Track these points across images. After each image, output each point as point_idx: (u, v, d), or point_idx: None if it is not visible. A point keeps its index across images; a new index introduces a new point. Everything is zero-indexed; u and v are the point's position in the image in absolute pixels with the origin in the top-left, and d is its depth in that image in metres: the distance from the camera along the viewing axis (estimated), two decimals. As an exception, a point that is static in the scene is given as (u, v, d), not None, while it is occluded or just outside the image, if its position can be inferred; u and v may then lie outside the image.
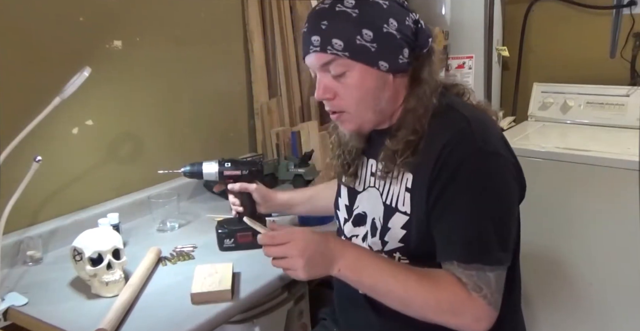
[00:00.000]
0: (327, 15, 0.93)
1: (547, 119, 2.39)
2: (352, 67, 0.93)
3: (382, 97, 0.97)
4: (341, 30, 0.92)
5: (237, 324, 1.41)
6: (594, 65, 2.36)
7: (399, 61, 0.95)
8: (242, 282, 1.25)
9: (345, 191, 1.14)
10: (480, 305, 0.91)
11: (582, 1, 2.36)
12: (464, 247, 0.92)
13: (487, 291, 0.91)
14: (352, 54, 0.92)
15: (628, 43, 2.28)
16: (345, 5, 0.92)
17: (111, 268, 1.20)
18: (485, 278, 0.91)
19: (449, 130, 0.93)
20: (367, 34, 0.91)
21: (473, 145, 0.91)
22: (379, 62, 0.93)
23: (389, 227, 1.01)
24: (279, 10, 2.04)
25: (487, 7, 2.41)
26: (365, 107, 0.97)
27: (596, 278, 1.92)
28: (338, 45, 0.92)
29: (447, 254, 0.94)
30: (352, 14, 0.91)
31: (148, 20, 1.67)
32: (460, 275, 0.92)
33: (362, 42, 0.92)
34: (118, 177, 1.65)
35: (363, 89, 0.95)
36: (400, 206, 0.99)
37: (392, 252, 1.01)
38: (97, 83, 1.48)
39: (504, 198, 0.94)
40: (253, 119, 2.07)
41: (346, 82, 0.95)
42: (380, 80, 0.95)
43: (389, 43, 0.93)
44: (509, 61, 2.63)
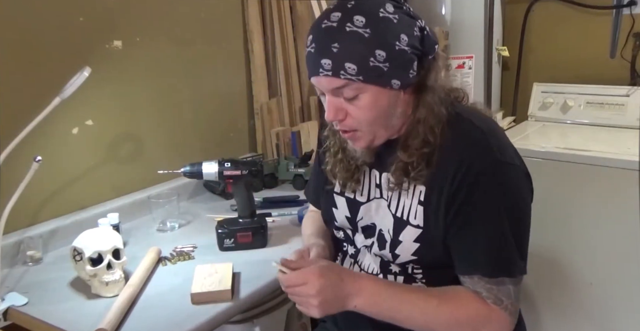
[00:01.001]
0: (337, 37, 0.87)
1: (547, 119, 2.39)
2: (365, 89, 0.89)
3: (394, 114, 0.94)
4: (354, 54, 0.86)
5: (237, 324, 1.41)
6: (594, 65, 2.36)
7: (409, 76, 0.91)
8: (242, 282, 1.25)
9: (344, 201, 1.10)
10: (502, 317, 0.94)
11: (582, 1, 2.36)
12: (489, 261, 0.93)
13: (508, 302, 0.93)
14: (365, 78, 0.88)
15: (628, 43, 2.28)
16: (355, 25, 0.86)
17: (111, 268, 1.20)
18: (506, 290, 0.93)
19: (464, 143, 0.92)
20: (380, 55, 0.87)
21: (491, 158, 0.91)
22: (392, 81, 0.90)
23: (400, 240, 0.99)
24: (279, 10, 2.04)
25: (487, 7, 2.41)
26: (378, 125, 0.94)
27: (596, 278, 1.92)
28: (352, 70, 0.87)
29: (470, 268, 0.95)
30: (364, 34, 0.86)
31: (148, 20, 1.67)
32: (481, 289, 0.94)
33: (375, 64, 0.87)
34: (118, 177, 1.65)
35: (376, 110, 0.91)
36: (412, 219, 0.98)
37: (404, 264, 1.00)
38: (97, 84, 1.48)
39: (522, 208, 0.95)
40: (253, 119, 2.07)
41: (359, 104, 0.91)
42: (393, 98, 0.92)
43: (401, 60, 0.89)
44: (509, 61, 2.63)
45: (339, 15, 0.88)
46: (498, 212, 0.91)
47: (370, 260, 1.07)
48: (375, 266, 1.05)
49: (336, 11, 0.88)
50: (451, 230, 0.94)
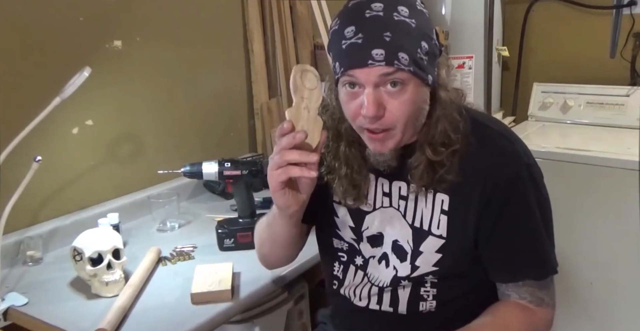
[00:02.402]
0: (389, 26, 0.83)
1: (547, 119, 2.39)
2: (410, 82, 0.86)
3: (425, 112, 0.91)
4: (406, 43, 0.84)
5: (237, 324, 1.41)
6: (594, 65, 2.36)
7: (435, 72, 0.90)
8: (242, 282, 1.25)
9: (345, 210, 1.04)
10: (545, 314, 0.98)
11: (582, 1, 2.36)
12: (537, 265, 0.95)
13: (548, 298, 0.97)
14: (414, 69, 0.85)
15: (628, 43, 2.28)
16: (402, 15, 0.84)
17: (111, 268, 1.20)
18: (547, 288, 0.97)
19: (490, 150, 0.92)
20: (424, 47, 0.85)
21: (520, 163, 0.92)
22: (428, 76, 0.88)
23: (422, 251, 0.97)
24: (279, 10, 2.04)
25: (487, 7, 2.41)
26: (412, 122, 0.90)
27: (596, 278, 1.92)
28: (404, 60, 0.83)
29: (518, 275, 0.96)
30: (412, 24, 0.84)
31: (148, 20, 1.67)
32: (526, 294, 0.96)
33: (420, 55, 0.85)
34: (118, 177, 1.65)
35: (415, 104, 0.88)
36: (435, 229, 0.95)
37: (423, 276, 0.98)
38: (97, 83, 1.48)
39: (549, 205, 0.98)
40: (253, 119, 2.07)
41: (401, 97, 0.86)
42: (426, 94, 0.90)
43: (434, 55, 0.88)
44: (509, 61, 2.63)
45: (381, 5, 0.84)
46: (534, 211, 0.93)
47: (379, 273, 1.03)
48: (386, 280, 1.01)
49: (376, 2, 0.84)
50: (491, 239, 0.94)
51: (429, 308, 1.00)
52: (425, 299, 0.99)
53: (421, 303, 1.00)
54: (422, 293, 0.99)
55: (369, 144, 0.93)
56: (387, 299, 1.02)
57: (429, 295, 0.99)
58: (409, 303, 1.00)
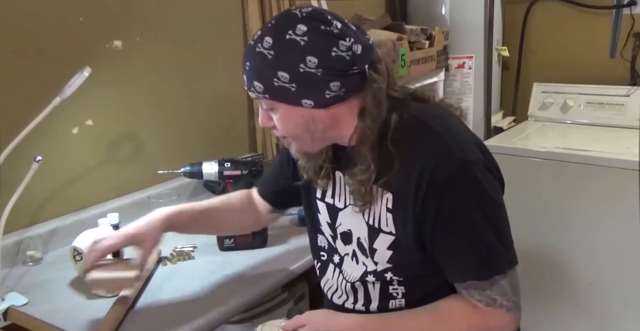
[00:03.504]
0: (249, 56, 0.92)
1: (547, 119, 2.39)
2: (276, 105, 0.94)
3: (314, 130, 0.95)
4: (259, 73, 0.91)
5: (237, 324, 1.41)
6: (594, 65, 2.36)
7: (325, 96, 0.91)
8: (242, 282, 1.25)
9: (324, 207, 1.10)
10: (498, 316, 0.94)
11: (582, 1, 2.36)
12: (478, 265, 0.92)
13: (502, 299, 0.93)
14: (272, 96, 0.92)
15: (628, 43, 2.28)
16: (263, 46, 0.90)
17: (111, 268, 1.20)
18: (500, 288, 0.93)
19: (425, 148, 0.91)
20: (283, 76, 0.89)
21: (454, 160, 0.89)
22: (302, 101, 0.91)
23: (376, 248, 1.00)
24: (279, 10, 2.04)
25: (487, 7, 2.41)
26: (302, 137, 0.97)
27: (596, 278, 1.92)
28: (258, 87, 0.92)
29: (462, 275, 0.94)
30: (268, 55, 0.89)
31: (148, 20, 1.67)
32: (474, 293, 0.93)
33: (280, 84, 0.90)
34: (118, 177, 1.65)
35: (291, 124, 0.95)
36: (384, 226, 0.97)
37: (383, 272, 1.00)
38: (97, 83, 1.48)
39: (495, 200, 0.93)
40: (253, 119, 2.07)
41: (275, 116, 0.96)
42: (307, 116, 0.93)
43: (309, 82, 0.89)
44: (509, 61, 2.63)
45: (259, 34, 0.92)
46: (474, 212, 0.91)
47: (352, 269, 1.06)
48: (356, 275, 1.05)
49: (260, 30, 0.93)
50: (432, 239, 0.93)
51: (398, 305, 1.02)
52: (395, 297, 1.02)
53: (391, 301, 1.02)
54: (391, 291, 1.01)
55: None
56: (361, 298, 1.05)
57: (397, 293, 1.01)
58: (380, 301, 1.03)
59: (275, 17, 0.94)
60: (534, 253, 1.93)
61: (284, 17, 0.92)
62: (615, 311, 1.91)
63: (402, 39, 2.12)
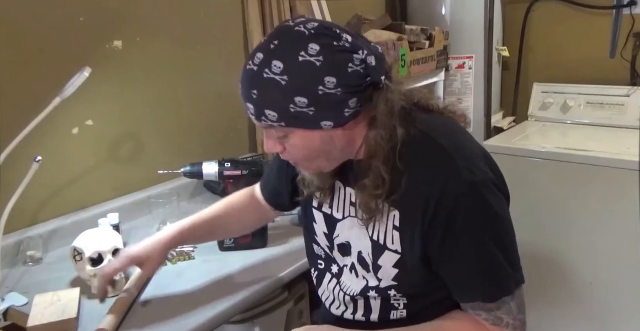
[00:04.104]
0: (255, 84, 0.84)
1: (547, 119, 2.39)
2: (292, 131, 0.87)
3: (332, 150, 0.91)
4: (272, 101, 0.83)
5: (237, 324, 1.41)
6: (594, 65, 2.36)
7: (344, 115, 0.86)
8: (242, 282, 1.25)
9: (321, 216, 1.07)
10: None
11: (582, 1, 2.36)
12: (487, 286, 0.90)
13: (508, 318, 0.92)
14: (288, 123, 0.85)
15: (628, 43, 2.28)
16: (273, 71, 0.82)
17: (111, 268, 1.20)
18: (506, 308, 0.91)
19: (433, 168, 0.88)
20: (301, 101, 0.82)
21: (463, 180, 0.86)
22: (321, 123, 0.85)
23: (380, 265, 0.97)
24: (279, 10, 2.04)
25: (487, 7, 2.41)
26: (318, 159, 0.92)
27: (596, 278, 1.92)
28: (272, 116, 0.84)
29: (469, 296, 0.93)
30: (281, 82, 0.82)
31: (148, 20, 1.67)
32: (480, 312, 0.92)
33: (297, 109, 0.83)
34: (118, 177, 1.65)
35: (308, 149, 0.89)
36: (390, 244, 0.95)
37: (387, 289, 0.99)
38: (97, 84, 1.48)
39: (503, 220, 0.92)
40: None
41: (290, 143, 0.89)
42: (326, 137, 0.88)
43: (329, 103, 0.83)
44: (509, 61, 2.63)
45: (261, 57, 0.84)
46: (482, 234, 0.88)
47: (351, 282, 1.04)
48: (356, 289, 1.03)
49: (260, 51, 0.85)
50: (439, 259, 0.91)
51: (399, 316, 1.00)
52: (397, 308, 1.00)
53: (392, 312, 1.00)
54: (393, 301, 1.00)
55: None
56: (361, 308, 1.03)
57: (399, 304, 1.00)
58: (381, 312, 1.01)
59: (275, 35, 0.86)
60: (534, 253, 1.93)
61: (289, 36, 0.84)
62: (615, 311, 1.91)
63: (402, 39, 2.12)
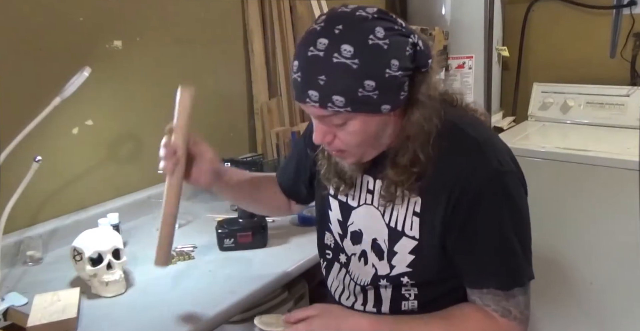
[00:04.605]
0: (324, 69, 0.82)
1: (547, 119, 2.39)
2: (354, 117, 0.87)
3: (383, 135, 0.92)
4: (342, 86, 0.83)
5: (237, 324, 1.41)
6: (594, 65, 2.36)
7: (400, 98, 0.87)
8: (242, 282, 1.25)
9: (337, 204, 1.09)
10: (511, 328, 0.94)
11: (582, 1, 2.36)
12: (502, 274, 0.92)
13: (516, 311, 0.93)
14: (354, 108, 0.85)
15: (628, 43, 2.28)
16: (343, 56, 0.81)
17: (111, 268, 1.20)
18: (515, 300, 0.93)
19: (461, 156, 0.90)
20: (369, 85, 0.83)
21: (490, 170, 0.89)
22: (382, 107, 0.86)
23: (396, 251, 0.98)
24: (279, 10, 2.04)
25: (487, 7, 2.41)
26: (367, 146, 0.93)
27: (596, 278, 1.92)
28: (339, 102, 0.84)
29: (483, 282, 0.94)
30: (353, 65, 0.82)
31: (148, 20, 1.67)
32: (489, 302, 0.93)
33: (365, 93, 0.84)
34: (118, 177, 1.65)
35: (364, 134, 0.89)
36: (408, 230, 0.96)
37: (399, 276, 0.99)
38: (97, 83, 1.48)
39: (524, 213, 0.94)
40: (253, 119, 2.07)
41: (347, 130, 0.89)
42: (382, 121, 0.89)
43: (392, 86, 0.85)
44: (509, 61, 2.63)
45: (326, 42, 0.82)
46: (504, 222, 0.91)
47: (360, 271, 1.05)
48: (367, 279, 1.03)
49: (323, 37, 0.83)
50: (457, 244, 0.93)
51: (411, 307, 1.01)
52: (407, 298, 1.00)
53: (403, 303, 1.01)
54: (404, 292, 1.00)
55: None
56: (372, 299, 1.04)
57: (410, 295, 1.00)
58: (392, 303, 1.02)
59: (336, 20, 0.84)
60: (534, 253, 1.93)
61: (353, 20, 0.84)
62: (615, 311, 1.91)
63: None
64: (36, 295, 1.18)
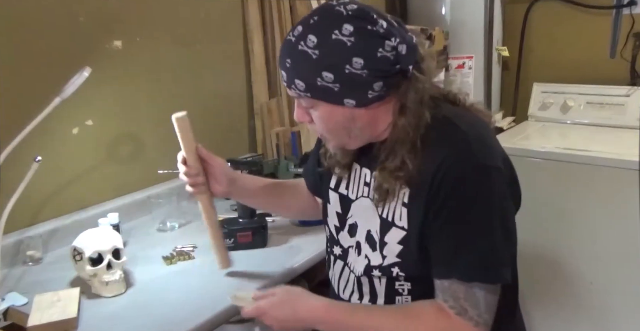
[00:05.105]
0: (290, 53, 0.91)
1: (547, 119, 2.39)
2: (317, 104, 0.93)
3: (353, 127, 0.95)
4: (302, 71, 0.90)
5: (237, 324, 1.41)
6: (594, 65, 2.36)
7: (368, 96, 0.91)
8: (242, 282, 1.25)
9: (336, 197, 1.11)
10: (465, 328, 0.90)
11: (582, 1, 2.36)
12: (466, 266, 0.90)
13: (474, 312, 0.90)
14: (313, 95, 0.92)
15: (628, 43, 2.28)
16: (307, 45, 0.89)
17: (111, 268, 1.20)
18: (475, 300, 0.90)
19: (446, 146, 0.91)
20: (327, 76, 0.89)
21: (472, 161, 0.89)
22: (344, 100, 0.91)
23: (386, 242, 0.99)
24: (279, 10, 2.04)
25: (487, 7, 2.41)
26: (339, 134, 0.97)
27: (596, 278, 1.92)
28: (300, 86, 0.91)
29: (446, 271, 0.92)
30: (313, 55, 0.88)
31: (148, 20, 1.67)
32: (448, 297, 0.91)
33: (323, 84, 0.89)
34: (118, 177, 1.65)
35: (331, 123, 0.95)
36: (397, 221, 0.97)
37: (390, 267, 1.00)
38: (97, 83, 1.48)
39: (503, 213, 0.92)
40: (253, 119, 2.07)
41: (315, 114, 0.96)
42: (348, 114, 0.93)
43: (353, 82, 0.89)
44: (509, 61, 2.63)
45: (300, 30, 0.90)
46: (478, 215, 0.89)
47: (356, 262, 1.06)
48: (360, 269, 1.04)
49: (301, 25, 0.91)
50: (431, 232, 0.93)
51: (404, 302, 1.01)
52: (401, 294, 1.01)
53: (397, 298, 1.01)
54: (397, 287, 1.01)
55: None
56: (367, 293, 1.05)
57: (404, 290, 1.01)
58: (386, 297, 1.02)
59: (317, 12, 0.93)
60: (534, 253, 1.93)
61: (328, 14, 0.90)
62: (616, 310, 1.91)
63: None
64: (36, 295, 1.17)
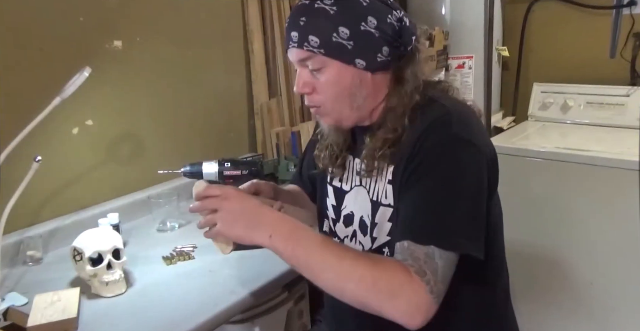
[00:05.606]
0: (306, 12, 0.94)
1: (547, 119, 2.39)
2: (329, 64, 0.94)
3: (359, 94, 0.97)
4: (318, 27, 0.92)
5: (237, 324, 1.41)
6: (594, 65, 2.36)
7: (377, 59, 0.94)
8: (242, 282, 1.25)
9: (332, 190, 1.13)
10: (421, 289, 0.84)
11: (582, 1, 2.36)
12: (422, 227, 0.88)
13: (431, 277, 0.85)
14: (327, 52, 0.93)
15: (628, 43, 2.28)
16: (324, 2, 0.92)
17: (111, 268, 1.20)
18: (433, 265, 0.86)
19: (428, 120, 0.93)
20: (343, 32, 0.92)
21: (448, 131, 0.91)
22: (356, 60, 0.94)
23: (377, 222, 1.01)
24: (279, 10, 2.04)
25: (487, 7, 2.41)
26: (342, 103, 0.97)
27: (596, 278, 1.92)
28: (314, 42, 0.92)
29: (403, 233, 0.90)
30: (330, 11, 0.92)
31: (148, 20, 1.67)
32: (408, 257, 0.87)
33: (339, 40, 0.92)
34: (118, 177, 1.65)
35: (339, 86, 0.95)
36: (384, 199, 0.99)
37: (381, 247, 1.01)
38: (97, 84, 1.48)
39: (472, 186, 0.91)
40: (253, 119, 2.07)
41: (323, 78, 0.96)
42: (357, 77, 0.95)
43: (367, 41, 0.93)
44: (509, 61, 2.63)
45: None
46: (443, 182, 0.89)
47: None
48: None
49: None
50: (400, 197, 0.94)
51: None
52: None
53: None
54: None
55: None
56: None
57: None
58: None
59: None
60: (534, 252, 1.93)
61: None
62: (615, 311, 1.91)
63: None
64: (36, 295, 1.17)
